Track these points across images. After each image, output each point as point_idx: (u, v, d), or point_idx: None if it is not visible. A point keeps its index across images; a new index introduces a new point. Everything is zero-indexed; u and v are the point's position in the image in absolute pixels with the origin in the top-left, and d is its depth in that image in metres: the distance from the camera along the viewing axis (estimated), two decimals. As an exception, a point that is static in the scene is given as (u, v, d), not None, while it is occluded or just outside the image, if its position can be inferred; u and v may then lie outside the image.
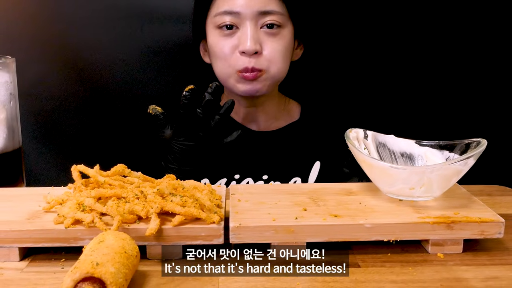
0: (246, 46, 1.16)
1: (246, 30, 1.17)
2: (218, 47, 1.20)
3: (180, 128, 1.07)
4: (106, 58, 1.44)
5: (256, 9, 1.17)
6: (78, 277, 0.63)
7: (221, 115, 1.06)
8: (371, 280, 0.73)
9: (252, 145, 1.29)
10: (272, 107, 1.31)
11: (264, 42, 1.18)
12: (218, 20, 1.19)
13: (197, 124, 1.06)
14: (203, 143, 1.07)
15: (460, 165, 0.83)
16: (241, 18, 1.17)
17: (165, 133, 1.08)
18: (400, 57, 1.47)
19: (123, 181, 0.87)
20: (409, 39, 1.47)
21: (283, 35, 1.20)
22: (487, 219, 0.80)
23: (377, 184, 0.89)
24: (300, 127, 1.32)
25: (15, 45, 1.42)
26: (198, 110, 1.05)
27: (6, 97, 1.02)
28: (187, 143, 1.07)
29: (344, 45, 1.47)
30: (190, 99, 1.04)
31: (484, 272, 0.76)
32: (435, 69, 1.48)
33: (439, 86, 1.49)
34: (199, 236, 0.78)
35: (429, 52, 1.47)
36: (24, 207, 0.85)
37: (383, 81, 1.49)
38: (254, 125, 1.31)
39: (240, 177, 1.25)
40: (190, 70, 1.44)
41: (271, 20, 1.18)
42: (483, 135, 0.88)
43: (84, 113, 1.48)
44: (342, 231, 0.79)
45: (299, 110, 1.35)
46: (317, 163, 1.27)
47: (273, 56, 1.19)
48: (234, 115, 1.30)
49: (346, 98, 1.49)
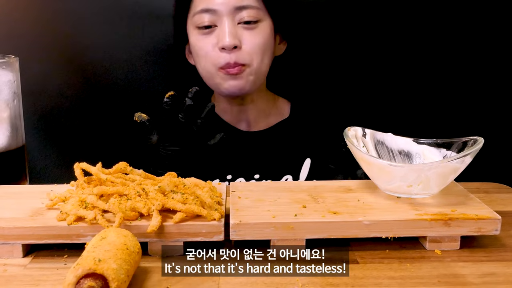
0: (225, 42, 1.17)
1: (224, 27, 1.18)
2: (199, 46, 1.21)
3: (164, 134, 1.07)
4: (109, 57, 1.45)
5: (232, 5, 1.17)
6: (81, 273, 0.64)
7: (202, 119, 1.06)
8: (369, 276, 0.74)
9: (243, 145, 1.29)
10: (261, 105, 1.31)
11: (243, 36, 1.19)
12: (197, 19, 1.20)
13: (181, 129, 1.06)
14: (188, 147, 1.07)
15: (457, 163, 0.83)
16: (219, 15, 1.18)
17: (152, 139, 1.08)
18: (398, 55, 1.47)
19: (125, 178, 0.87)
20: (405, 35, 1.46)
21: (261, 29, 1.20)
22: (484, 216, 0.81)
23: (376, 181, 0.90)
24: (291, 125, 1.32)
25: (18, 44, 1.42)
26: (180, 116, 1.05)
27: (10, 96, 1.02)
28: (173, 148, 1.07)
29: (334, 40, 1.46)
30: (172, 105, 1.05)
31: (481, 268, 0.76)
32: (432, 68, 1.48)
33: (436, 85, 1.49)
34: (200, 233, 0.79)
35: (426, 50, 1.47)
36: (27, 204, 0.86)
37: (377, 79, 1.48)
38: (244, 124, 1.31)
39: (232, 178, 1.26)
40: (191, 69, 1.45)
41: (248, 15, 1.18)
42: (480, 133, 0.88)
43: (87, 112, 1.48)
44: (341, 228, 0.80)
45: (289, 107, 1.35)
46: (308, 160, 1.28)
47: (253, 49, 1.19)
48: (224, 115, 1.31)
49: (336, 95, 1.48)
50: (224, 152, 1.19)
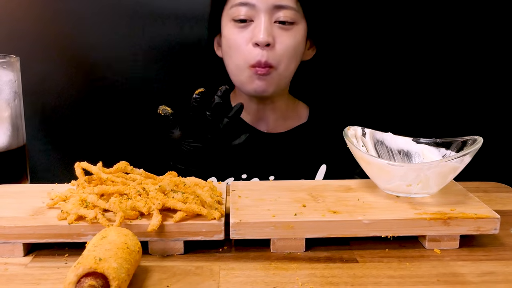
0: (260, 38, 1.16)
1: (260, 22, 1.18)
2: (233, 39, 1.21)
3: (189, 130, 1.07)
4: (110, 57, 1.45)
5: (272, 3, 1.17)
6: (81, 272, 0.64)
7: (230, 118, 1.06)
8: (369, 275, 0.74)
9: (260, 145, 1.29)
10: (281, 107, 1.31)
11: (277, 36, 1.19)
12: (233, 12, 1.20)
13: (206, 127, 1.06)
14: (211, 145, 1.07)
15: (457, 162, 0.84)
16: (256, 11, 1.18)
17: (174, 134, 1.07)
18: (398, 55, 1.48)
19: (126, 178, 0.88)
20: (408, 39, 1.47)
21: (295, 31, 1.21)
22: (483, 215, 0.81)
23: (375, 181, 0.90)
24: (308, 130, 1.33)
25: (19, 44, 1.42)
26: (208, 113, 1.05)
27: (11, 96, 1.03)
28: (196, 144, 1.07)
29: (352, 47, 1.48)
30: (200, 102, 1.04)
31: (480, 267, 0.77)
32: (432, 68, 1.48)
33: (436, 86, 1.49)
34: (200, 232, 0.79)
35: (426, 52, 1.47)
36: (28, 204, 0.86)
37: (381, 81, 1.49)
38: (263, 125, 1.32)
39: (248, 177, 1.26)
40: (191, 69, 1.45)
41: (285, 15, 1.18)
42: (479, 133, 0.89)
43: (87, 111, 1.48)
44: (341, 227, 0.80)
45: (308, 112, 1.36)
46: (323, 166, 1.28)
47: (285, 50, 1.19)
48: (243, 114, 1.31)
49: (354, 101, 1.49)
50: (242, 151, 1.19)
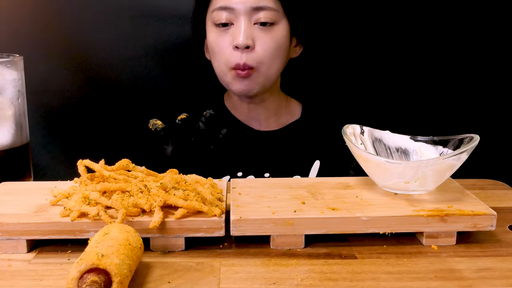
0: (239, 41, 1.17)
1: (239, 25, 1.18)
2: (215, 43, 1.22)
3: (179, 148, 1.08)
4: (112, 56, 1.46)
5: (250, 5, 1.17)
6: (84, 268, 0.64)
7: (215, 145, 1.08)
8: (367, 271, 0.74)
9: (254, 143, 1.30)
10: (272, 105, 1.32)
11: (258, 37, 1.19)
12: (215, 16, 1.21)
13: (192, 150, 1.07)
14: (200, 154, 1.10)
15: (454, 160, 0.84)
16: (236, 14, 1.18)
17: (167, 150, 1.09)
18: (396, 55, 1.48)
19: (127, 175, 0.88)
20: (405, 37, 1.47)
21: (276, 31, 1.20)
22: (479, 212, 0.81)
23: (373, 178, 0.91)
24: (301, 126, 1.33)
25: (23, 44, 1.43)
26: (192, 139, 1.06)
27: (14, 94, 1.03)
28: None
29: (343, 43, 1.47)
30: (183, 127, 1.05)
31: (477, 263, 0.77)
32: (430, 67, 1.49)
33: (433, 84, 1.49)
34: (201, 228, 0.79)
35: (424, 50, 1.47)
36: (31, 201, 0.86)
37: (380, 79, 1.49)
38: (256, 123, 1.32)
39: (243, 175, 1.27)
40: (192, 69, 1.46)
41: (265, 16, 1.18)
42: (476, 131, 0.89)
43: (90, 110, 1.49)
44: (339, 223, 0.81)
45: (300, 109, 1.36)
46: (317, 162, 1.28)
47: (266, 51, 1.19)
48: (236, 112, 1.32)
49: (346, 97, 1.49)
50: (235, 149, 1.19)
